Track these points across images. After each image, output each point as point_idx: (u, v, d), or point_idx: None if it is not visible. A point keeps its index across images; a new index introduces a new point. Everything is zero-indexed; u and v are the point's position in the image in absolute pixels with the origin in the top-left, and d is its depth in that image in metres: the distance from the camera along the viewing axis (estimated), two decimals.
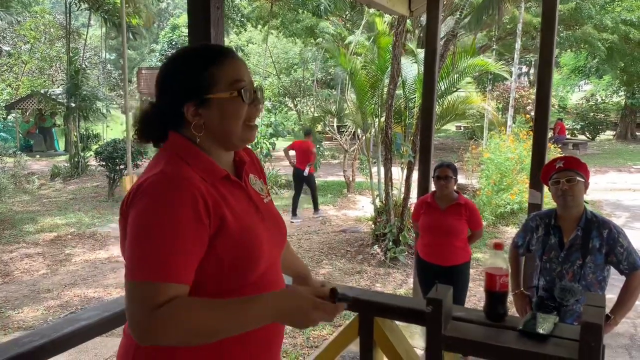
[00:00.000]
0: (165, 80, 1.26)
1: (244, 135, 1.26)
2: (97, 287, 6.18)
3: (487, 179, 9.08)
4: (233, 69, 1.24)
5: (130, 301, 1.07)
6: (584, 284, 2.63)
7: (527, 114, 15.28)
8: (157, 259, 1.07)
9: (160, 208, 1.09)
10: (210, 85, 1.21)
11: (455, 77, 7.27)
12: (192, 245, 1.11)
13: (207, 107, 1.22)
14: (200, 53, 1.26)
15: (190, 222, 1.10)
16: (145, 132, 1.29)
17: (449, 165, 3.95)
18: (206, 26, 1.98)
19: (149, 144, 1.32)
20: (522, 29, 12.68)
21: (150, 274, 1.06)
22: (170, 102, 1.24)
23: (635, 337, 4.61)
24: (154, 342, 1.06)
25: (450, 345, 1.58)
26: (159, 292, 1.05)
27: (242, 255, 1.19)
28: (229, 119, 1.23)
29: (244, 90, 1.23)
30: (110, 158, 11.22)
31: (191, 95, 1.21)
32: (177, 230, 1.09)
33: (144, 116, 1.28)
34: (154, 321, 1.03)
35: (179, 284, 1.08)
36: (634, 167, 15.49)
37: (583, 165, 2.73)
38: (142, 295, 1.05)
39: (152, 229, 1.08)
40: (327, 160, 16.67)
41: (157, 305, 1.04)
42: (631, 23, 15.74)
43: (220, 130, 1.24)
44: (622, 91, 24.65)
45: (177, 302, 1.06)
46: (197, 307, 1.08)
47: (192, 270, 1.12)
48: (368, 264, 6.89)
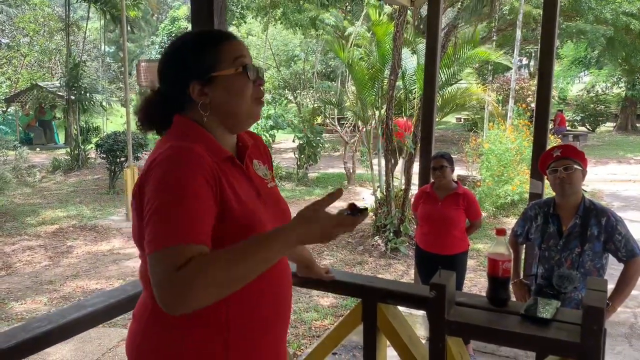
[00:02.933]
0: (168, 63, 1.27)
1: (250, 110, 1.27)
2: (99, 279, 6.21)
3: (487, 170, 9.09)
4: (235, 47, 1.26)
5: (153, 273, 1.04)
6: (582, 272, 2.65)
7: (526, 105, 15.26)
8: (176, 224, 1.06)
9: (174, 177, 1.10)
10: (215, 64, 1.23)
11: (456, 67, 7.26)
12: (207, 208, 1.11)
13: (212, 86, 1.23)
14: (201, 35, 1.29)
15: (202, 187, 1.11)
16: (149, 119, 1.29)
17: (443, 155, 3.97)
18: (209, 15, 1.99)
19: (151, 133, 1.33)
20: (522, 20, 12.63)
21: (173, 239, 1.04)
22: (175, 84, 1.24)
23: (635, 326, 4.64)
24: (185, 305, 1.01)
25: (453, 329, 1.59)
26: (179, 253, 1.02)
27: (243, 236, 1.18)
28: (235, 95, 1.24)
29: (247, 66, 1.25)
30: (111, 151, 11.23)
31: (196, 74, 1.22)
32: (192, 195, 1.09)
33: (147, 103, 1.29)
34: (178, 282, 1.00)
35: (198, 244, 1.06)
36: (634, 159, 15.50)
37: (580, 153, 2.74)
38: (168, 261, 1.02)
39: (168, 198, 1.08)
40: (328, 152, 16.67)
41: (178, 266, 1.01)
42: (631, 14, 15.69)
43: (228, 108, 1.25)
44: (623, 82, 24.60)
45: (198, 259, 1.03)
46: (219, 258, 1.05)
47: (209, 233, 1.11)
48: (369, 255, 6.91)
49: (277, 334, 1.35)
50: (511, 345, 1.55)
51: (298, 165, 12.39)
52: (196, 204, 1.09)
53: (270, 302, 1.29)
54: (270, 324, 1.30)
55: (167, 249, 1.04)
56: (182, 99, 1.24)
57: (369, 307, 1.85)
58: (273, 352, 1.33)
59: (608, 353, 4.07)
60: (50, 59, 22.97)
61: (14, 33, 22.09)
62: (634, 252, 2.61)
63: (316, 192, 11.35)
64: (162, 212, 1.08)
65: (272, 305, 1.30)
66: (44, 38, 21.95)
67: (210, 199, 1.12)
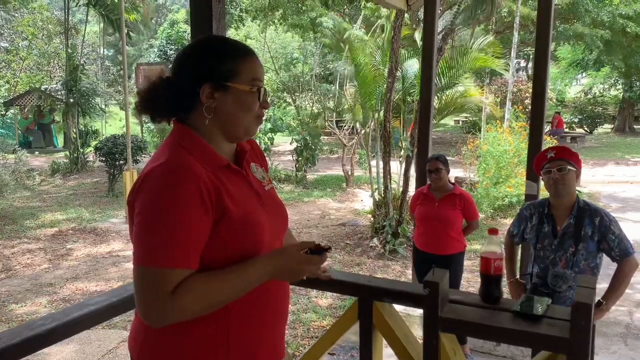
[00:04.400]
0: (188, 58, 1.31)
1: (249, 127, 1.32)
2: (98, 281, 6.24)
3: (485, 172, 9.14)
4: (255, 68, 1.31)
5: (142, 287, 1.14)
6: (576, 271, 2.69)
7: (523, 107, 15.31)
8: (166, 246, 1.13)
9: (167, 196, 1.15)
10: (233, 74, 1.27)
11: (453, 71, 7.31)
12: (198, 231, 1.17)
13: (223, 93, 1.27)
14: (228, 43, 1.33)
15: (195, 209, 1.16)
16: (150, 104, 1.30)
17: (438, 158, 4.01)
18: (208, 20, 2.03)
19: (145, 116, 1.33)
20: (519, 22, 12.69)
21: (161, 261, 1.13)
22: (189, 79, 1.27)
23: (631, 326, 4.68)
24: (169, 323, 1.15)
25: (447, 326, 1.63)
26: (170, 277, 1.12)
27: (245, 240, 1.25)
28: (242, 109, 1.29)
29: (261, 89, 1.30)
30: (110, 154, 11.27)
31: (212, 77, 1.26)
32: (184, 217, 1.15)
33: (152, 88, 1.30)
34: (169, 306, 1.12)
35: (188, 269, 1.15)
36: (632, 160, 15.56)
37: (574, 154, 2.78)
38: (154, 281, 1.12)
39: (161, 216, 1.14)
40: (326, 154, 16.72)
41: (169, 290, 1.12)
42: (628, 17, 15.77)
43: (230, 118, 1.29)
44: (620, 84, 24.69)
45: (188, 284, 1.14)
46: (205, 283, 1.16)
47: (199, 255, 1.19)
48: (367, 257, 6.95)
49: (276, 333, 1.39)
50: (503, 341, 1.59)
51: (297, 167, 12.43)
52: (186, 226, 1.15)
53: (269, 301, 1.34)
54: (269, 323, 1.35)
55: (159, 269, 1.12)
56: (189, 96, 1.27)
57: (365, 305, 1.89)
58: (272, 350, 1.38)
59: (604, 352, 4.12)
60: (49, 63, 22.99)
61: (13, 37, 22.11)
62: (627, 252, 2.65)
63: (315, 194, 11.38)
64: (154, 231, 1.14)
65: (271, 304, 1.35)
66: (43, 42, 21.97)
67: (200, 219, 1.17)
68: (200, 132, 1.29)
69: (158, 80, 1.30)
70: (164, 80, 1.30)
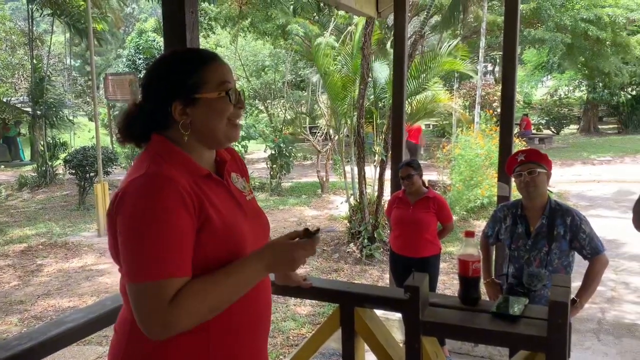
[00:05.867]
0: (153, 80, 1.30)
1: (228, 133, 1.31)
2: (71, 297, 6.10)
3: (457, 175, 9.27)
4: (221, 71, 1.30)
5: (138, 302, 1.13)
6: (550, 270, 2.76)
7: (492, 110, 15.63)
8: (158, 257, 1.13)
9: (150, 206, 1.14)
10: (199, 85, 1.26)
11: (424, 76, 7.42)
12: (187, 237, 1.17)
13: (194, 107, 1.26)
14: (188, 55, 1.32)
15: (181, 215, 1.16)
16: (129, 132, 1.32)
17: (410, 164, 4.07)
18: (181, 30, 2.02)
19: (129, 145, 1.35)
20: (486, 27, 12.96)
21: (155, 273, 1.12)
22: (158, 101, 1.27)
23: (603, 322, 4.80)
24: (170, 333, 1.14)
25: (428, 329, 1.65)
26: (167, 288, 1.12)
27: (226, 251, 1.25)
28: (215, 117, 1.28)
29: (230, 91, 1.29)
30: (80, 166, 11.05)
31: (179, 94, 1.25)
32: (171, 225, 1.14)
33: (128, 117, 1.31)
34: (170, 315, 1.11)
35: (179, 277, 1.15)
36: (597, 160, 15.99)
37: (544, 156, 2.86)
38: (152, 294, 1.11)
39: (147, 227, 1.13)
40: (300, 161, 16.72)
41: (167, 299, 1.11)
42: (589, 20, 16.27)
43: (206, 129, 1.28)
44: (584, 86, 25.40)
45: (186, 292, 1.14)
46: (204, 287, 1.16)
47: (190, 261, 1.18)
48: (344, 262, 6.97)
49: (258, 342, 1.39)
50: (483, 342, 1.62)
51: (271, 175, 12.39)
52: (174, 234, 1.14)
53: (250, 310, 1.33)
54: (251, 332, 1.34)
55: (156, 283, 1.11)
56: (163, 116, 1.28)
57: (347, 312, 1.90)
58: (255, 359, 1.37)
59: (577, 348, 4.21)
60: (14, 74, 22.43)
61: None
62: (598, 250, 2.74)
63: (290, 201, 11.37)
64: (143, 244, 1.13)
65: (253, 313, 1.34)
66: (7, 53, 21.43)
67: (186, 225, 1.17)
68: (178, 144, 1.28)
69: (131, 108, 1.32)
70: (136, 107, 1.31)
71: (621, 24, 17.02)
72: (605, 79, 20.34)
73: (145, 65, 18.85)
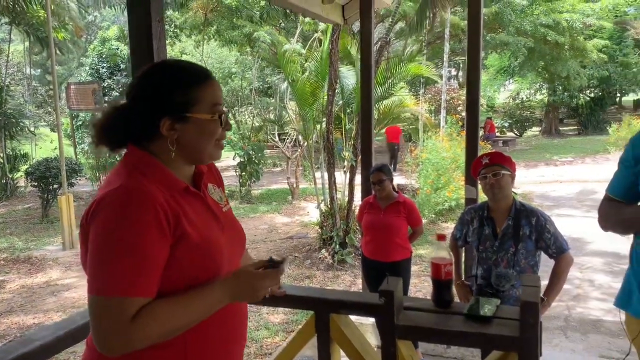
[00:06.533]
0: (145, 90, 1.26)
1: (213, 153, 1.31)
2: (36, 313, 5.92)
3: (425, 179, 9.40)
4: (214, 92, 1.28)
5: (99, 316, 1.10)
6: (517, 270, 2.82)
7: (457, 115, 15.94)
8: (124, 274, 1.10)
9: (123, 222, 1.12)
10: (192, 104, 1.24)
11: (390, 82, 7.51)
12: (157, 257, 1.15)
13: (184, 124, 1.24)
14: (182, 71, 1.28)
15: (153, 235, 1.14)
16: (107, 137, 1.27)
17: (381, 169, 4.10)
18: (148, 39, 2.00)
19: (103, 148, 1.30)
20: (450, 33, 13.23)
21: (119, 290, 1.10)
22: (147, 112, 1.24)
23: (569, 319, 4.93)
24: (126, 352, 1.11)
25: (403, 333, 1.67)
26: (129, 306, 1.10)
27: (203, 263, 1.24)
28: (204, 138, 1.27)
29: (223, 116, 1.28)
30: (43, 178, 10.76)
31: (171, 110, 1.23)
32: (142, 243, 1.12)
33: (109, 120, 1.26)
34: (129, 334, 1.09)
35: (147, 297, 1.13)
36: (560, 161, 16.46)
37: (507, 158, 2.92)
38: (113, 310, 1.09)
39: (117, 243, 1.11)
40: (269, 168, 16.67)
41: (128, 318, 1.09)
42: (548, 26, 16.78)
43: (193, 147, 1.27)
44: (545, 89, 26.16)
45: (148, 312, 1.11)
46: (165, 311, 1.14)
47: (156, 283, 1.16)
48: (317, 269, 6.97)
49: (234, 353, 1.37)
50: (457, 344, 1.64)
51: (240, 182, 12.31)
52: (144, 253, 1.12)
53: (227, 321, 1.32)
54: (228, 343, 1.33)
55: (118, 298, 1.09)
56: (148, 126, 1.24)
57: (322, 319, 1.90)
58: None
59: (546, 346, 4.29)
60: None
61: None
62: (563, 249, 2.81)
63: (261, 209, 11.31)
64: (111, 259, 1.11)
65: (229, 324, 1.33)
66: None
67: (157, 245, 1.15)
68: (158, 157, 1.26)
69: (113, 110, 1.27)
70: (120, 109, 1.27)
71: (578, 29, 17.61)
72: (564, 82, 21.00)
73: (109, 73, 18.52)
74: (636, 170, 1.81)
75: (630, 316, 1.82)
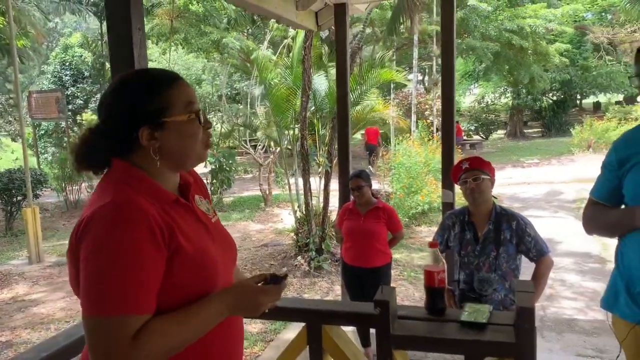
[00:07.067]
0: (115, 104, 1.23)
1: (200, 153, 1.28)
2: (2, 331, 5.69)
3: (398, 183, 9.47)
4: (186, 92, 1.25)
5: (99, 338, 1.05)
6: (499, 274, 2.85)
7: (427, 119, 16.16)
8: (121, 292, 1.06)
9: (116, 238, 1.08)
10: (166, 108, 1.21)
11: (362, 87, 7.54)
12: (154, 273, 1.11)
13: (163, 131, 1.21)
14: (151, 77, 1.26)
15: (148, 251, 1.10)
16: (88, 161, 1.24)
17: (359, 175, 4.11)
18: (129, 48, 1.95)
19: (87, 173, 1.28)
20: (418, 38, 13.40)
21: (118, 308, 1.06)
22: (123, 126, 1.20)
23: (545, 319, 5.02)
24: None
25: (399, 343, 1.66)
26: (130, 324, 1.06)
27: (199, 276, 1.21)
28: (187, 141, 1.24)
29: (199, 113, 1.25)
30: (6, 190, 10.38)
31: (146, 119, 1.20)
32: (137, 259, 1.08)
33: (85, 144, 1.23)
34: (132, 354, 1.05)
35: (141, 314, 1.09)
36: (526, 162, 16.84)
37: (486, 163, 2.97)
38: (112, 330, 1.05)
39: (111, 260, 1.07)
40: (240, 175, 16.53)
41: (130, 337, 1.05)
42: (513, 31, 17.21)
43: (178, 153, 1.24)
44: (509, 93, 26.79)
45: (149, 329, 1.08)
46: (166, 327, 1.11)
47: (155, 298, 1.12)
48: (293, 276, 6.91)
49: None
50: (454, 352, 1.64)
51: (212, 190, 12.16)
52: (140, 269, 1.09)
53: (228, 337, 1.30)
54: (227, 355, 1.30)
55: (117, 318, 1.05)
56: (128, 141, 1.21)
57: (314, 330, 1.87)
58: None
59: None
60: None
61: None
62: (543, 251, 2.85)
63: (233, 216, 11.20)
64: (107, 277, 1.07)
65: (230, 341, 1.31)
66: None
67: (153, 260, 1.11)
68: (143, 169, 1.22)
69: (88, 132, 1.24)
70: (95, 130, 1.23)
71: (541, 34, 18.11)
72: (528, 86, 21.54)
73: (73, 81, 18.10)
74: (619, 174, 1.85)
75: (617, 318, 1.85)
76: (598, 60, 23.13)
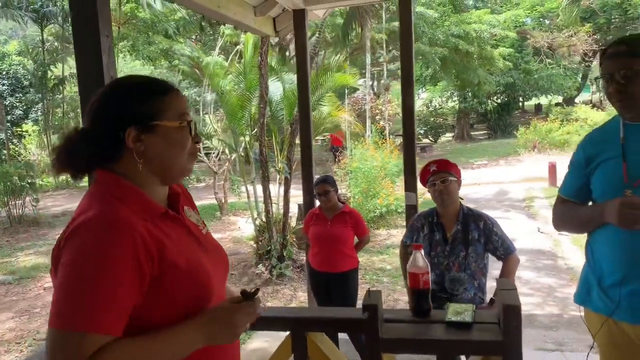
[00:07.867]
0: (106, 104, 1.18)
1: (185, 165, 1.24)
2: None
3: (356, 187, 9.56)
4: (182, 102, 1.23)
5: (54, 351, 1.00)
6: (469, 273, 2.92)
7: (379, 123, 16.41)
8: (87, 308, 1.01)
9: (95, 253, 1.03)
10: (158, 112, 1.17)
11: (319, 92, 7.57)
12: (127, 295, 1.06)
13: (151, 134, 1.17)
14: (148, 81, 1.23)
15: (127, 270, 1.05)
16: (69, 161, 1.18)
17: (325, 180, 4.13)
18: (97, 55, 1.88)
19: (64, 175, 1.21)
20: (369, 45, 13.61)
21: (79, 324, 1.00)
22: (110, 126, 1.16)
23: None
24: None
25: (388, 347, 1.66)
26: (89, 343, 1.00)
27: (194, 290, 1.17)
28: (175, 147, 1.20)
29: (191, 124, 1.22)
30: None
31: (135, 120, 1.15)
32: (113, 278, 1.03)
33: (70, 143, 1.17)
34: None
35: (110, 335, 1.03)
36: (475, 164, 17.36)
37: (453, 166, 3.04)
38: (69, 345, 0.99)
39: (85, 275, 1.02)
40: (192, 183, 16.22)
41: (85, 357, 0.99)
42: (459, 36, 17.78)
43: (163, 160, 1.19)
44: (456, 96, 27.60)
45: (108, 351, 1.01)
46: (130, 351, 1.05)
47: (124, 321, 1.06)
48: (255, 285, 6.84)
49: None
50: (441, 352, 1.65)
51: None
52: (114, 289, 1.03)
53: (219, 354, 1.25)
54: None
55: (76, 333, 0.99)
56: (113, 144, 1.16)
57: (299, 338, 1.85)
58: None
59: None
60: None
61: None
62: (510, 250, 2.94)
63: None
64: (75, 290, 1.02)
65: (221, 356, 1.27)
66: None
67: (131, 281, 1.06)
68: (130, 179, 1.17)
69: (73, 133, 1.17)
70: (81, 132, 1.18)
71: (486, 39, 18.78)
72: (475, 89, 22.26)
73: (11, 91, 17.34)
74: (587, 172, 1.92)
75: (590, 311, 1.92)
76: (539, 63, 24.19)
